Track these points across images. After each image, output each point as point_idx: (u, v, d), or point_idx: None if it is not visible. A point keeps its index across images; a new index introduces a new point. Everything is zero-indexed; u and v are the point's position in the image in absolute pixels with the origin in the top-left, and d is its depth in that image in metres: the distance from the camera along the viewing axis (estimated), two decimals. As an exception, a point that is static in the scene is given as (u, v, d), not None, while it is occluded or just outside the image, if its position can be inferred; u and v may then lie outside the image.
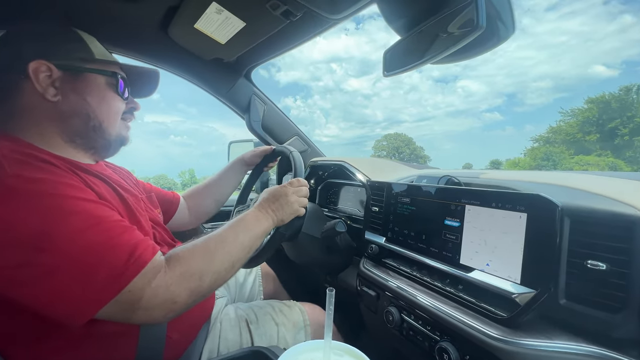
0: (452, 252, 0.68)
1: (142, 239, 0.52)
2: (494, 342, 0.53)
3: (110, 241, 0.47)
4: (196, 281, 0.53)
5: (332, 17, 0.75)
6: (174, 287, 0.51)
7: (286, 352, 0.41)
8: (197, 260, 0.55)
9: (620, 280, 0.46)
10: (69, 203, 0.47)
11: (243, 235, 0.63)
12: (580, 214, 0.51)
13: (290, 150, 0.88)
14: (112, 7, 0.88)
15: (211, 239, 0.60)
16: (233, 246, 0.61)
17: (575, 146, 46.59)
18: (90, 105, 0.61)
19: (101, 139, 0.64)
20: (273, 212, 0.71)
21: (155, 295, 0.49)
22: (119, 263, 0.47)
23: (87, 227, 0.46)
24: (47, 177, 0.48)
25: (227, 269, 0.59)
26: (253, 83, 1.36)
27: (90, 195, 0.52)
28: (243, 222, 0.66)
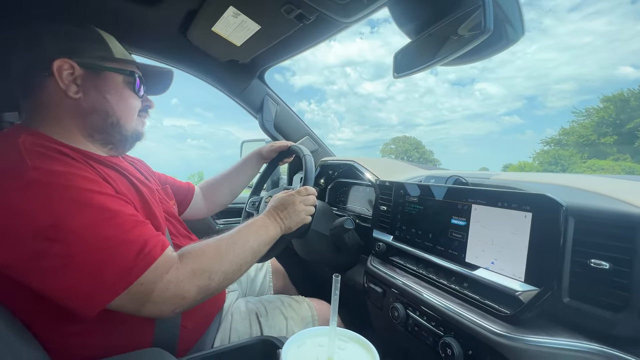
0: (458, 251, 0.69)
1: (153, 234, 0.53)
2: (496, 338, 0.55)
3: (122, 235, 0.49)
4: (206, 279, 0.55)
5: (344, 21, 0.78)
6: (185, 283, 0.52)
7: (292, 337, 0.43)
8: (208, 259, 0.57)
9: (623, 279, 0.47)
10: (83, 196, 0.48)
11: (253, 240, 0.66)
12: (584, 213, 0.52)
13: (304, 153, 0.90)
14: (135, 11, 0.93)
15: (223, 240, 0.62)
16: (242, 249, 0.63)
17: (589, 149, 40.75)
18: (109, 102, 0.64)
19: (118, 135, 0.67)
20: (281, 220, 0.74)
21: (166, 289, 0.51)
22: (129, 257, 0.48)
23: (100, 220, 0.48)
24: (64, 169, 0.50)
25: (234, 270, 0.61)
26: (266, 84, 1.39)
27: (106, 188, 0.54)
28: (253, 228, 0.68)
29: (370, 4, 0.68)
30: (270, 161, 1.11)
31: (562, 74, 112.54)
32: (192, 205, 1.04)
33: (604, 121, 39.21)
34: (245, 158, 1.12)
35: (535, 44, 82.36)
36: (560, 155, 39.96)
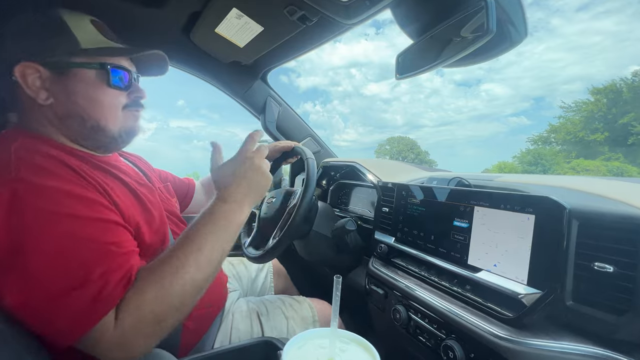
0: (460, 253, 0.69)
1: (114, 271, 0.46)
2: (499, 341, 0.54)
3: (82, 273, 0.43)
4: (152, 327, 0.46)
5: (346, 22, 0.78)
6: (128, 341, 0.45)
7: (293, 339, 0.43)
8: (150, 301, 0.46)
9: (627, 282, 0.46)
10: (54, 219, 0.44)
11: (212, 247, 0.53)
12: (588, 216, 0.51)
13: (307, 156, 0.89)
14: (138, 13, 0.94)
15: (166, 264, 0.49)
16: (197, 267, 0.51)
17: (578, 147, 34.76)
18: (80, 106, 0.56)
19: (104, 138, 0.60)
20: (243, 195, 0.60)
21: (109, 350, 0.44)
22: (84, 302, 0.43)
23: (64, 249, 0.44)
24: (49, 184, 0.46)
25: (193, 294, 0.50)
26: (269, 85, 1.40)
27: (91, 207, 0.48)
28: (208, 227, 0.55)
29: (373, 6, 0.68)
30: (274, 161, 1.11)
31: (571, 74, 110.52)
32: (193, 201, 1.04)
33: (594, 116, 32.74)
34: None
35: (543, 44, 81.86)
36: (541, 155, 34.87)
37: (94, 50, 0.57)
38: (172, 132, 75.22)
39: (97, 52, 0.57)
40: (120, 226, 0.52)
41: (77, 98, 0.56)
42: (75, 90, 0.56)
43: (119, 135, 0.62)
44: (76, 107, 0.56)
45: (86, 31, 0.57)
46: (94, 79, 0.57)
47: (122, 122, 0.62)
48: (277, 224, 0.91)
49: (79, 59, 0.55)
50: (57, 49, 0.54)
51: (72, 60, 0.55)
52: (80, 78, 0.56)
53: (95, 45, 0.57)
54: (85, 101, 0.57)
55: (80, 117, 0.57)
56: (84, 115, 0.57)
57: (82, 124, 0.57)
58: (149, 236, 0.60)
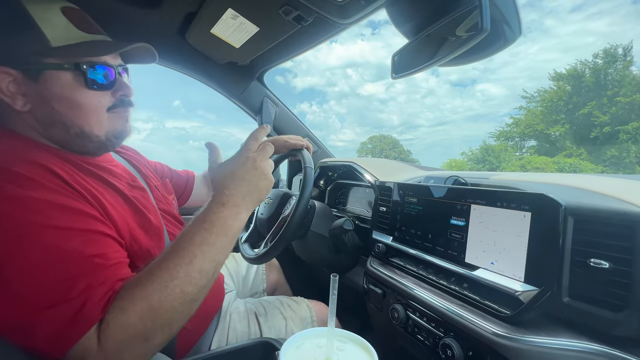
0: (457, 251, 0.69)
1: (96, 287, 0.43)
2: (497, 339, 0.54)
3: (58, 297, 0.41)
4: (139, 346, 0.43)
5: (341, 22, 0.78)
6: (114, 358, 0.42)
7: (290, 339, 0.43)
8: (134, 322, 0.43)
9: (623, 278, 0.46)
10: (34, 232, 0.42)
11: (207, 256, 0.48)
12: (583, 212, 0.52)
13: (305, 164, 0.87)
14: (134, 13, 0.93)
15: (151, 285, 0.44)
16: (186, 284, 0.46)
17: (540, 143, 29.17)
18: (59, 112, 0.51)
19: (90, 143, 0.55)
20: (242, 199, 0.55)
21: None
22: (64, 319, 0.40)
23: (44, 263, 0.42)
24: (27, 193, 0.43)
25: (184, 311, 0.46)
26: (265, 86, 1.40)
27: (74, 219, 0.46)
28: (203, 235, 0.50)
29: (368, 5, 0.68)
30: (279, 156, 1.05)
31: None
32: (194, 194, 1.01)
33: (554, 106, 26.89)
34: None
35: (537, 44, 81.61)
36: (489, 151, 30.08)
37: (66, 48, 0.50)
38: (168, 133, 75.21)
39: (70, 51, 0.50)
40: (109, 237, 0.49)
41: (55, 103, 0.51)
42: (51, 95, 0.50)
43: (107, 139, 0.57)
44: (55, 113, 0.51)
45: (56, 25, 0.50)
46: (70, 80, 0.51)
47: (109, 125, 0.57)
48: (273, 227, 0.91)
49: (50, 59, 0.49)
50: (24, 49, 0.48)
51: (44, 62, 0.49)
52: (55, 81, 0.50)
53: (68, 42, 0.50)
54: (63, 106, 0.51)
55: (62, 124, 0.52)
56: (65, 122, 0.52)
57: (66, 131, 0.53)
58: (145, 241, 0.59)
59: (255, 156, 0.58)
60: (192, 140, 69.33)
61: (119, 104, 0.58)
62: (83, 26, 0.53)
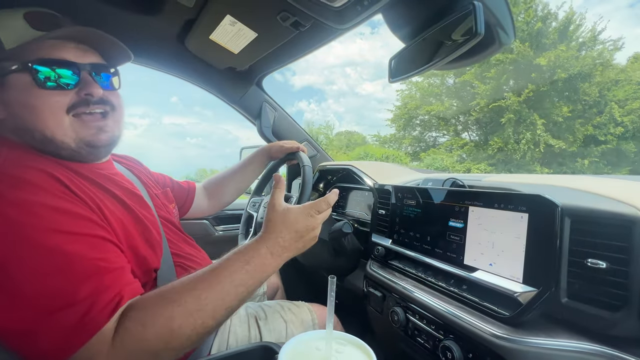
0: (456, 253, 0.69)
1: (102, 292, 0.44)
2: (496, 341, 0.54)
3: (68, 292, 0.41)
4: (148, 359, 0.44)
5: (338, 27, 0.79)
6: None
7: (289, 342, 0.43)
8: (150, 339, 0.42)
9: (620, 278, 0.47)
10: (38, 237, 0.42)
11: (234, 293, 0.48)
12: (580, 213, 0.52)
13: (304, 163, 0.87)
14: (133, 20, 0.95)
15: (177, 308, 0.44)
16: (210, 317, 0.46)
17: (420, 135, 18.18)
18: (19, 117, 0.50)
19: (61, 150, 0.53)
20: (289, 251, 0.56)
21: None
22: (69, 324, 0.41)
23: (49, 267, 0.42)
24: (34, 199, 0.44)
25: (197, 341, 0.46)
26: (264, 90, 1.41)
27: (76, 224, 0.46)
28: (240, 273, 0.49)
29: (364, 11, 0.69)
30: (277, 161, 1.08)
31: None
32: (194, 205, 1.02)
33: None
34: (251, 155, 1.07)
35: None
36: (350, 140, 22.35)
37: (18, 49, 0.49)
38: (165, 129, 73.41)
39: (21, 50, 0.49)
40: (110, 242, 0.50)
41: (14, 108, 0.50)
42: (12, 100, 0.50)
43: (78, 147, 0.54)
44: (17, 118, 0.50)
45: (12, 28, 0.49)
46: (25, 82, 0.49)
47: (76, 132, 0.53)
48: None
49: (7, 63, 0.49)
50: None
51: (2, 66, 0.49)
52: (13, 85, 0.50)
53: (19, 42, 0.49)
54: (20, 109, 0.50)
55: (27, 129, 0.50)
56: (28, 126, 0.50)
57: (32, 136, 0.51)
58: (143, 248, 0.59)
59: (320, 219, 0.59)
60: (189, 137, 68.18)
61: (82, 104, 0.53)
62: (42, 26, 0.51)
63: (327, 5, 0.71)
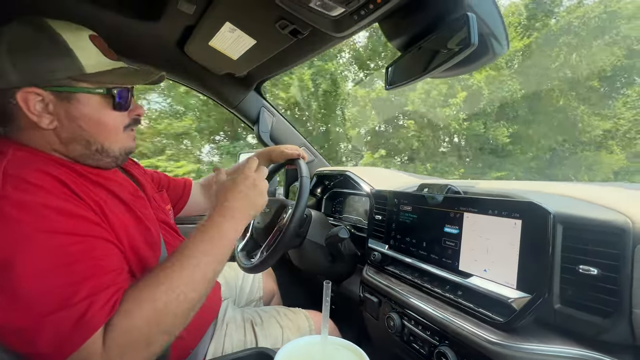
0: (451, 259, 0.69)
1: (101, 291, 0.45)
2: (490, 346, 0.55)
3: (63, 301, 0.42)
4: (142, 351, 0.45)
5: (336, 35, 0.81)
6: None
7: (284, 347, 0.43)
8: (139, 326, 0.45)
9: (611, 284, 0.47)
10: (42, 237, 0.44)
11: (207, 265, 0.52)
12: (572, 220, 0.53)
13: (302, 174, 0.87)
14: (134, 26, 0.96)
15: (157, 289, 0.47)
16: (191, 289, 0.49)
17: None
18: (86, 130, 0.56)
19: (107, 158, 0.61)
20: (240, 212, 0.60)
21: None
22: (68, 324, 0.42)
23: (53, 267, 0.43)
24: (38, 200, 0.45)
25: (185, 316, 0.49)
26: (263, 96, 1.42)
27: (79, 225, 0.48)
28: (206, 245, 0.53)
29: (360, 20, 0.71)
30: (276, 165, 1.06)
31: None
32: (191, 201, 1.01)
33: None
34: (251, 156, 1.08)
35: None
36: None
37: (98, 74, 0.56)
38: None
39: (103, 77, 0.56)
40: (111, 244, 0.52)
41: (83, 122, 0.56)
42: (81, 115, 0.55)
43: (120, 155, 0.62)
44: (81, 131, 0.56)
45: (88, 52, 0.55)
46: (99, 102, 0.57)
47: (123, 142, 0.62)
48: (269, 236, 0.92)
49: (83, 84, 0.55)
50: (58, 74, 0.52)
51: (77, 86, 0.54)
52: (85, 103, 0.55)
53: (99, 69, 0.56)
54: (90, 125, 0.57)
55: (86, 141, 0.57)
56: (89, 139, 0.57)
57: (88, 147, 0.58)
58: (143, 250, 0.60)
59: (255, 175, 0.65)
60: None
61: (133, 123, 0.64)
62: (108, 54, 0.59)
63: (324, 15, 0.73)
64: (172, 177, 1.00)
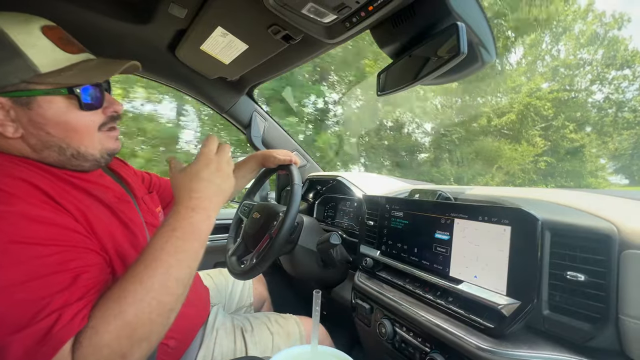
0: (442, 265, 0.70)
1: (72, 304, 0.42)
2: (481, 353, 0.55)
3: (34, 314, 0.39)
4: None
5: (328, 42, 0.81)
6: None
7: (274, 357, 0.42)
8: (108, 341, 0.41)
9: (598, 291, 0.48)
10: (13, 249, 0.41)
11: (179, 264, 0.47)
12: (559, 227, 0.54)
13: (294, 182, 0.87)
14: (125, 28, 0.95)
15: (125, 300, 0.43)
16: (163, 294, 0.45)
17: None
18: (56, 137, 0.51)
19: (86, 162, 0.56)
20: (210, 201, 0.54)
21: None
22: (35, 339, 0.39)
23: (21, 280, 0.40)
24: (7, 209, 0.42)
25: (162, 322, 0.45)
26: (255, 100, 1.41)
27: (56, 234, 0.45)
28: (172, 245, 0.48)
29: (352, 27, 0.71)
30: (268, 170, 1.06)
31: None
32: None
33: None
34: (243, 160, 1.05)
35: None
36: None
37: (56, 73, 0.49)
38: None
39: (61, 75, 0.49)
40: (93, 253, 0.49)
41: (50, 128, 0.51)
42: (46, 120, 0.50)
43: (101, 157, 0.58)
44: (50, 137, 0.51)
45: (41, 49, 0.48)
46: (63, 104, 0.51)
47: (102, 144, 0.57)
48: (259, 242, 0.91)
49: (40, 86, 0.49)
50: (11, 78, 0.47)
51: (33, 89, 0.48)
52: (47, 106, 0.50)
53: (56, 67, 0.49)
54: (59, 130, 0.51)
55: (58, 147, 0.52)
56: (61, 145, 0.52)
57: (62, 153, 0.53)
58: (130, 255, 0.58)
59: (217, 158, 0.58)
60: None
61: (109, 122, 0.58)
62: (67, 47, 0.52)
63: (316, 21, 0.73)
64: (164, 178, 0.97)
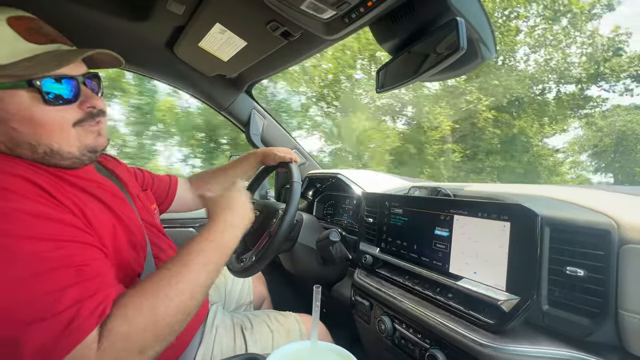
0: (442, 261, 0.70)
1: (87, 298, 0.43)
2: (481, 349, 0.55)
3: (47, 310, 0.40)
4: (135, 356, 0.44)
5: (327, 38, 0.80)
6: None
7: (273, 353, 0.42)
8: (138, 332, 0.43)
9: (597, 286, 0.48)
10: (17, 244, 0.41)
11: (205, 279, 0.52)
12: (559, 222, 0.54)
13: (293, 179, 0.87)
14: (122, 25, 0.94)
15: (157, 296, 0.46)
16: (189, 298, 0.48)
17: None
18: (23, 133, 0.49)
19: (64, 160, 0.53)
20: (237, 227, 0.63)
21: None
22: (53, 333, 0.40)
23: (30, 275, 0.40)
24: (10, 205, 0.42)
25: (180, 324, 0.48)
26: (254, 98, 1.41)
27: (59, 229, 0.45)
28: (205, 258, 0.53)
29: (351, 24, 0.71)
30: (268, 167, 1.06)
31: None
32: (178, 197, 0.98)
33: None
34: (242, 157, 1.06)
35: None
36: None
37: (14, 65, 0.46)
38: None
39: (19, 67, 0.46)
40: (94, 248, 0.49)
41: (14, 123, 0.48)
42: (9, 115, 0.47)
43: (82, 154, 0.55)
44: (17, 134, 0.48)
45: (1, 39, 0.46)
46: (26, 98, 0.48)
47: (80, 141, 0.54)
48: (258, 240, 0.91)
49: (1, 78, 0.46)
50: None
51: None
52: (9, 100, 0.47)
53: (16, 57, 0.46)
54: (24, 126, 0.48)
55: (28, 144, 0.50)
56: (31, 142, 0.49)
57: (34, 151, 0.50)
58: (127, 251, 0.58)
59: (243, 195, 0.70)
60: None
61: (87, 117, 0.54)
62: (32, 37, 0.49)
63: (315, 17, 0.72)
64: (158, 175, 0.97)
